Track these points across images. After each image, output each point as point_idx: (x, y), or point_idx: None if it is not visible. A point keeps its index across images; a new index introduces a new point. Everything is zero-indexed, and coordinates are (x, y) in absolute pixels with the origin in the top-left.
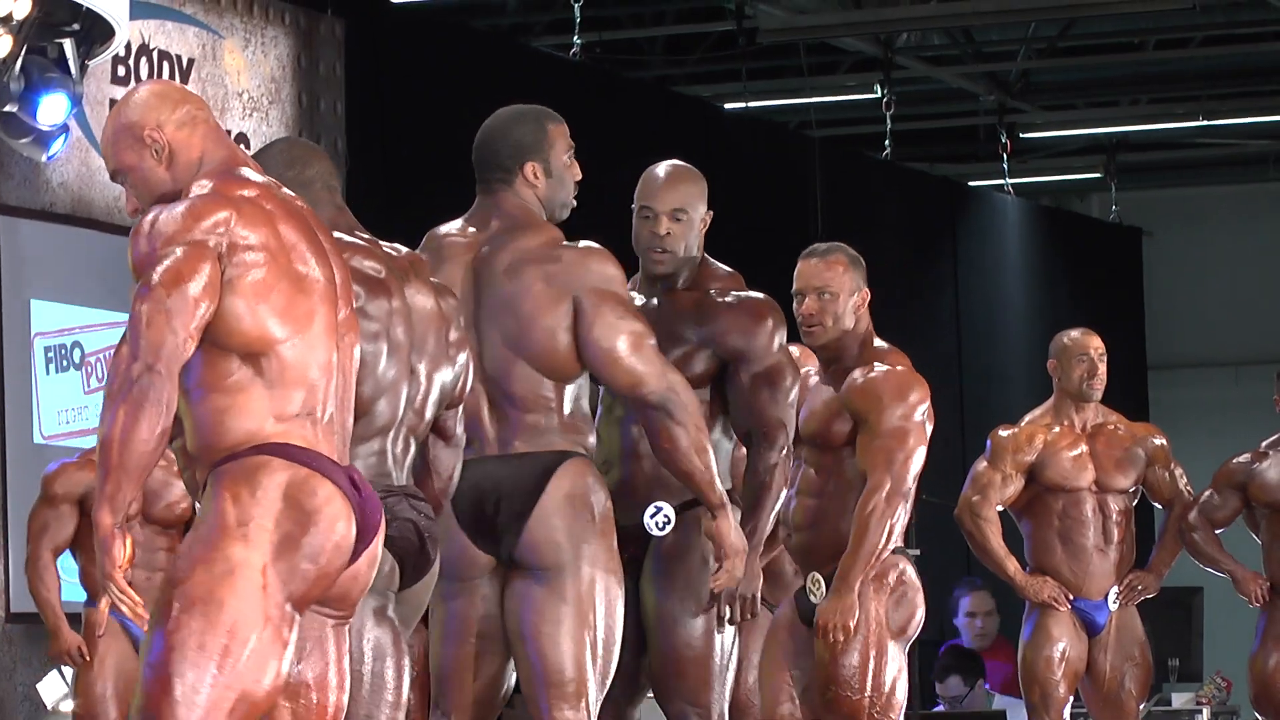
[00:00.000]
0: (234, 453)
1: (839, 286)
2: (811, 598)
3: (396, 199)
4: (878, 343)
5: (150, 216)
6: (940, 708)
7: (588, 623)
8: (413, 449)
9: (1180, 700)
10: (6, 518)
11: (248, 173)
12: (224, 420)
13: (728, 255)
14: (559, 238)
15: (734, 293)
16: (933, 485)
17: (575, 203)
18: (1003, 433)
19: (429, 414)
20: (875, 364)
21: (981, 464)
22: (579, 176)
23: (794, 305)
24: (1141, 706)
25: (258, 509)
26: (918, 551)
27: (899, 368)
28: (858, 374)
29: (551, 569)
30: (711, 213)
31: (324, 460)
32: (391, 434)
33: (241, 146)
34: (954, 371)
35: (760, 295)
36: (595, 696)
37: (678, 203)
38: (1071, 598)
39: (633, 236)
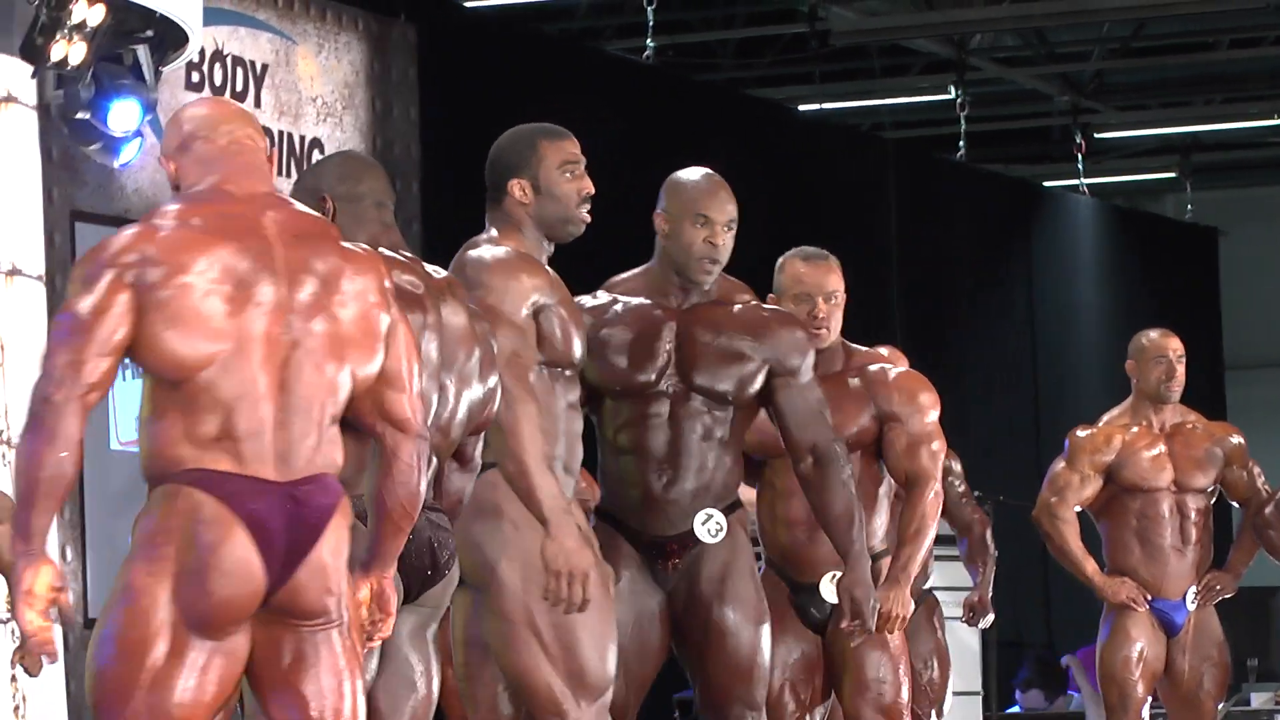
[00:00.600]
0: (158, 478)
1: (841, 290)
2: (829, 597)
3: (470, 203)
4: (853, 345)
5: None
6: (1018, 709)
7: (530, 635)
8: (434, 465)
9: (1259, 700)
10: (84, 523)
11: (212, 195)
12: (150, 446)
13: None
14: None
15: (768, 306)
16: (1009, 486)
17: (588, 217)
18: (1080, 433)
19: (454, 434)
20: (883, 365)
21: (1059, 465)
22: (587, 190)
23: (798, 308)
24: (1220, 706)
25: (160, 537)
26: (994, 551)
27: (908, 368)
28: (879, 372)
29: (480, 586)
30: None
31: (238, 483)
32: None
33: (316, 153)
34: (1029, 372)
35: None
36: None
37: (734, 214)
38: (1149, 598)
39: (676, 242)
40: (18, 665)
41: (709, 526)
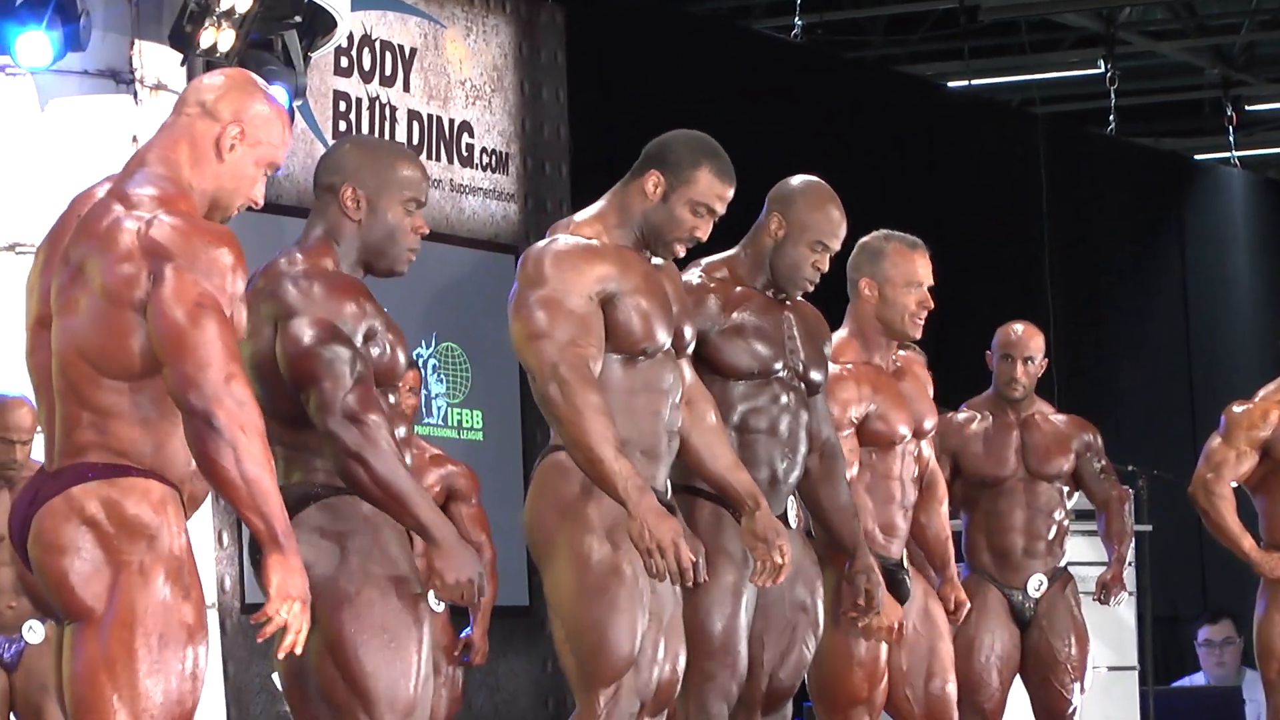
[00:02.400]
0: None
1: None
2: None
3: (618, 180)
4: None
5: None
6: (1200, 672)
7: (557, 618)
8: None
9: None
10: None
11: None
12: None
13: (955, 234)
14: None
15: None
16: (1164, 462)
17: (677, 245)
18: (1237, 409)
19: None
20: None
21: (1215, 440)
22: (691, 229)
23: (905, 298)
24: None
25: None
26: (1149, 527)
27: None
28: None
29: (539, 561)
30: None
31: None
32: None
33: (465, 136)
34: (1182, 347)
35: None
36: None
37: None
38: None
39: (784, 256)
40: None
41: (794, 511)
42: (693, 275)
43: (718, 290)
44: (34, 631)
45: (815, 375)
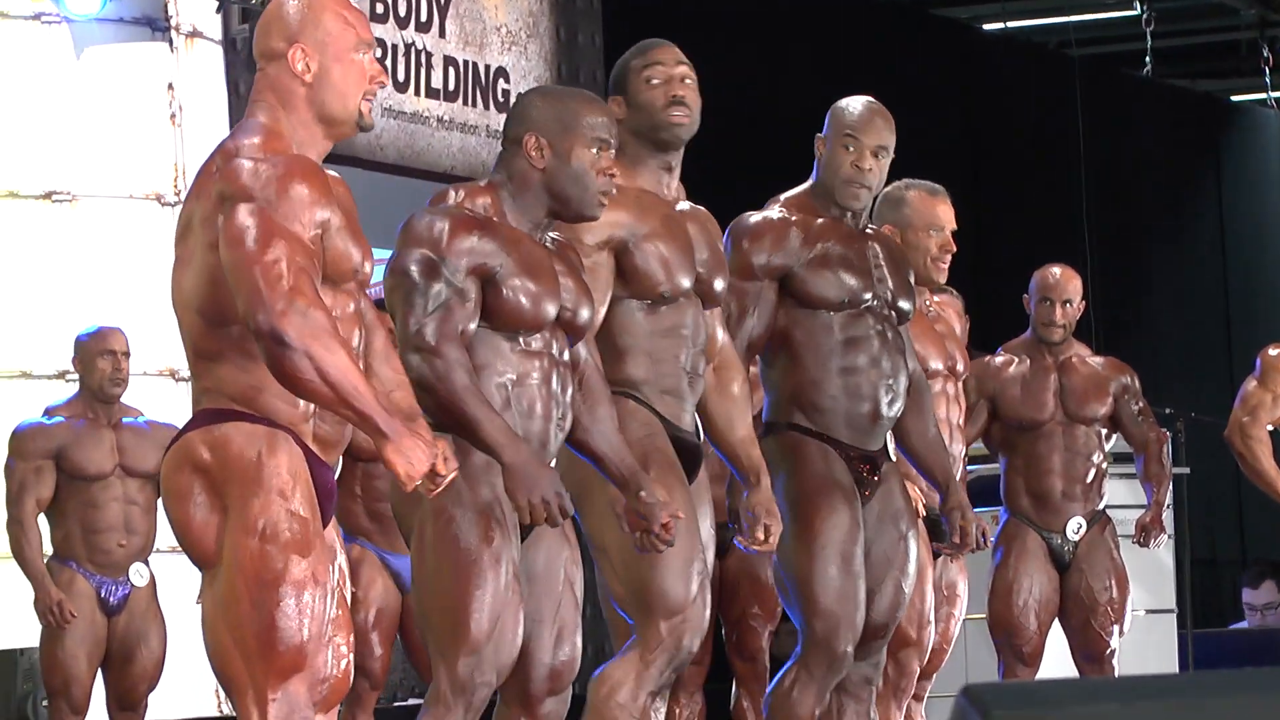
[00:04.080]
0: None
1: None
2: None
3: None
4: None
5: None
6: (1245, 623)
7: (602, 556)
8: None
9: None
10: None
11: None
12: None
13: (990, 178)
14: None
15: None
16: (1201, 405)
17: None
18: (1272, 351)
19: None
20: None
21: (1251, 383)
22: (674, 93)
23: (927, 241)
24: None
25: None
26: (1187, 469)
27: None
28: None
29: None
30: None
31: None
32: None
33: (500, 82)
34: (1220, 289)
35: None
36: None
37: (886, 141)
38: None
39: (827, 168)
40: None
41: (892, 445)
42: (773, 211)
43: (799, 224)
44: (140, 575)
45: (904, 304)
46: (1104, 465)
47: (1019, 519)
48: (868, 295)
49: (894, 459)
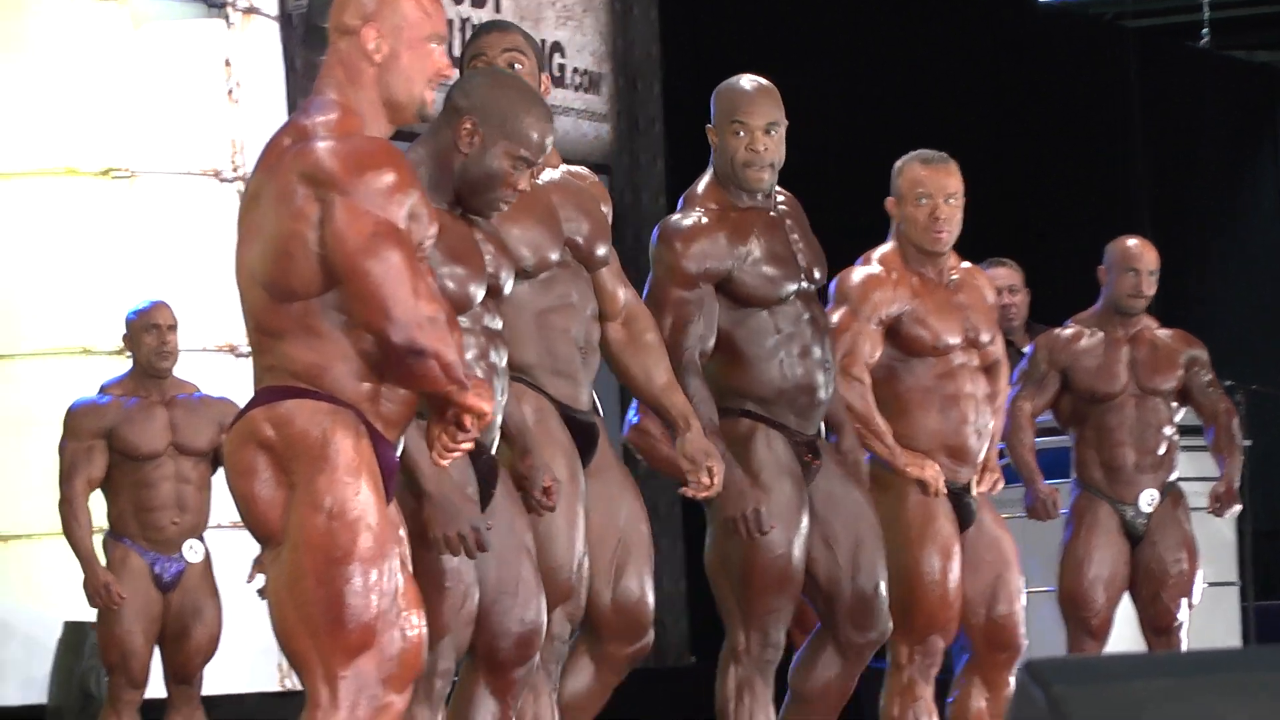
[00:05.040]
0: None
1: (961, 193)
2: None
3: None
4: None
5: None
6: None
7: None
8: None
9: None
10: None
11: None
12: None
13: (1047, 152)
14: None
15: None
16: (1264, 376)
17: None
18: None
19: None
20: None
21: None
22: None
23: (908, 209)
24: None
25: None
26: (1249, 441)
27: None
28: (975, 268)
29: None
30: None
31: None
32: None
33: (557, 56)
34: (1277, 260)
35: None
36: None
37: (775, 116)
38: None
39: (724, 152)
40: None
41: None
42: (697, 214)
43: (724, 223)
44: (194, 551)
45: (818, 272)
46: (1175, 437)
47: (1091, 492)
48: (795, 285)
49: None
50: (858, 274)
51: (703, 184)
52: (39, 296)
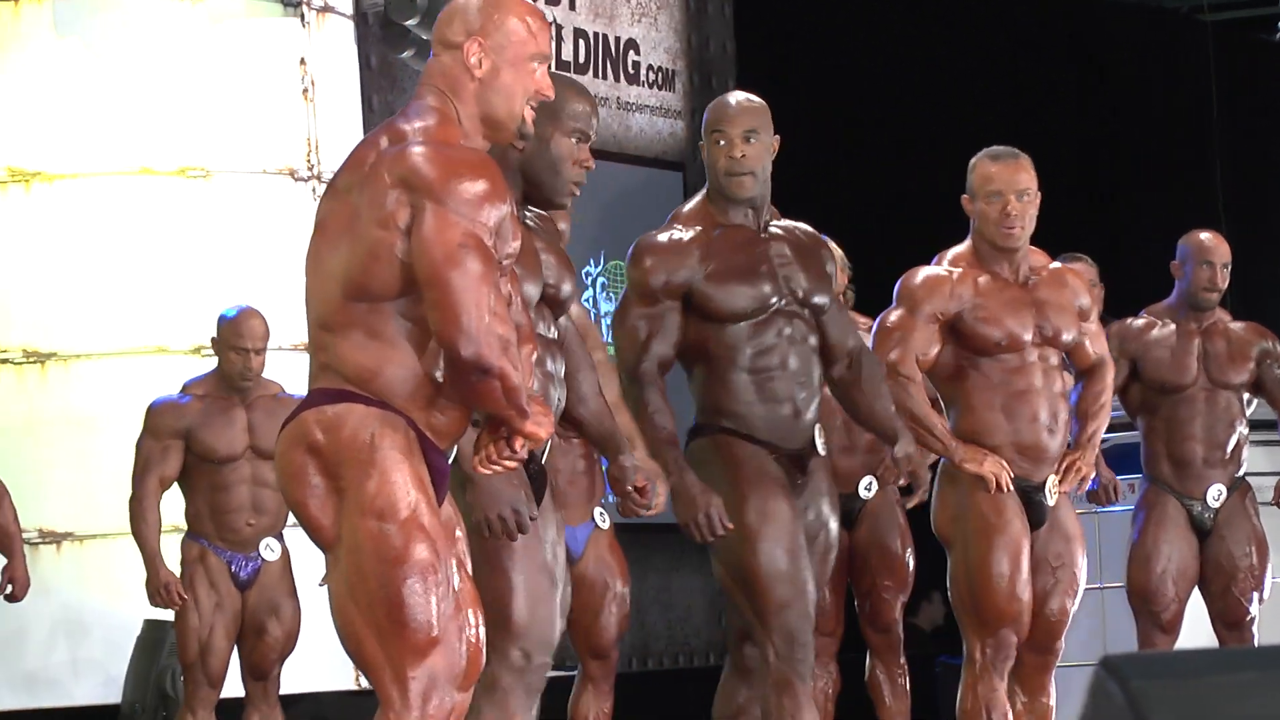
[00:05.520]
0: None
1: (1034, 189)
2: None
3: (785, 97)
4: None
5: None
6: None
7: None
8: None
9: None
10: None
11: None
12: None
13: (1122, 149)
14: None
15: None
16: None
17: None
18: None
19: None
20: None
21: None
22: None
23: (980, 206)
24: None
25: None
26: None
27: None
28: (1067, 269)
29: None
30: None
31: None
32: None
33: (631, 54)
34: None
35: None
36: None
37: (752, 124)
38: None
39: (710, 165)
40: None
41: (823, 440)
42: (673, 230)
43: (696, 239)
44: (271, 550)
45: (818, 299)
46: (1244, 432)
47: (1159, 486)
48: (773, 300)
49: (822, 454)
50: (918, 274)
51: (692, 202)
52: (114, 296)
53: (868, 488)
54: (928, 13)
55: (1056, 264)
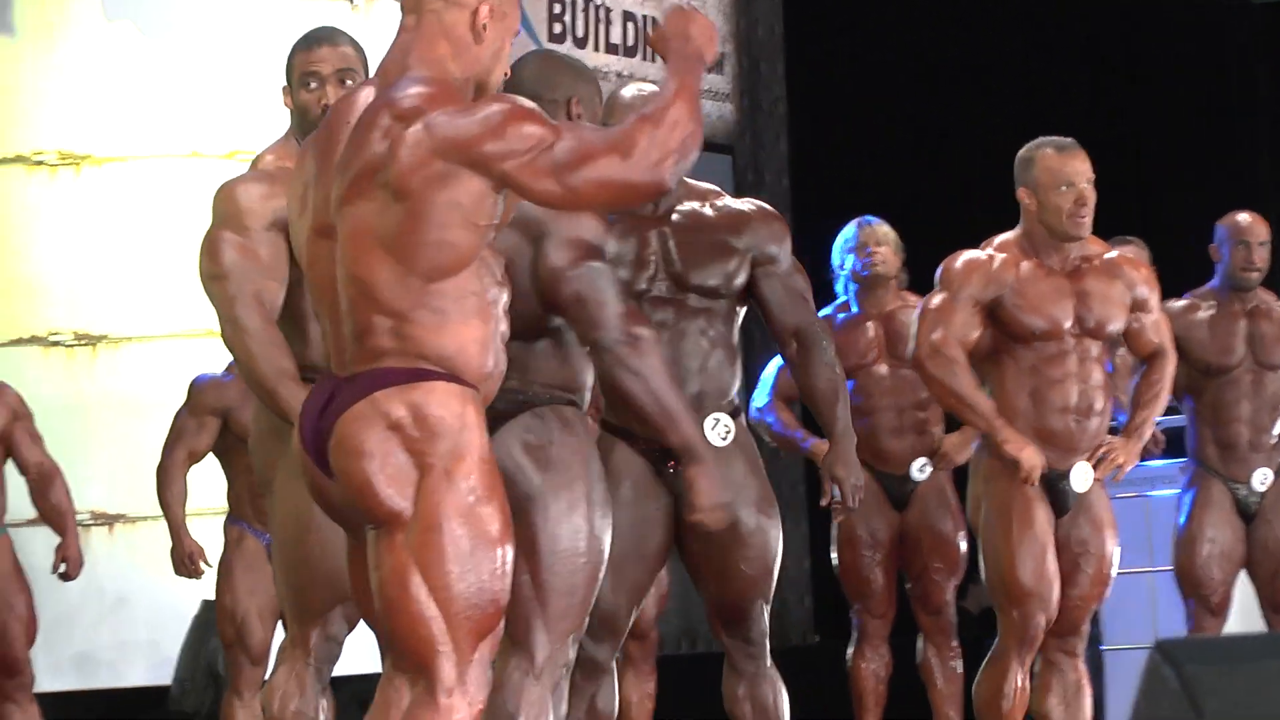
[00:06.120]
0: None
1: (1093, 176)
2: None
3: (832, 80)
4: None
5: None
6: None
7: None
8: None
9: None
10: None
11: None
12: None
13: (1165, 135)
14: None
15: (744, 201)
16: None
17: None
18: None
19: None
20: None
21: None
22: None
23: (1050, 197)
24: None
25: None
26: None
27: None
28: (1124, 259)
29: None
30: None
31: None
32: None
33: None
34: None
35: None
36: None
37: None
38: None
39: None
40: None
41: (718, 431)
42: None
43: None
44: None
45: (711, 281)
46: None
47: (1205, 469)
48: (641, 285)
49: (724, 442)
50: (960, 258)
51: None
52: (164, 279)
53: (921, 469)
54: (951, 5)
55: (1113, 253)
